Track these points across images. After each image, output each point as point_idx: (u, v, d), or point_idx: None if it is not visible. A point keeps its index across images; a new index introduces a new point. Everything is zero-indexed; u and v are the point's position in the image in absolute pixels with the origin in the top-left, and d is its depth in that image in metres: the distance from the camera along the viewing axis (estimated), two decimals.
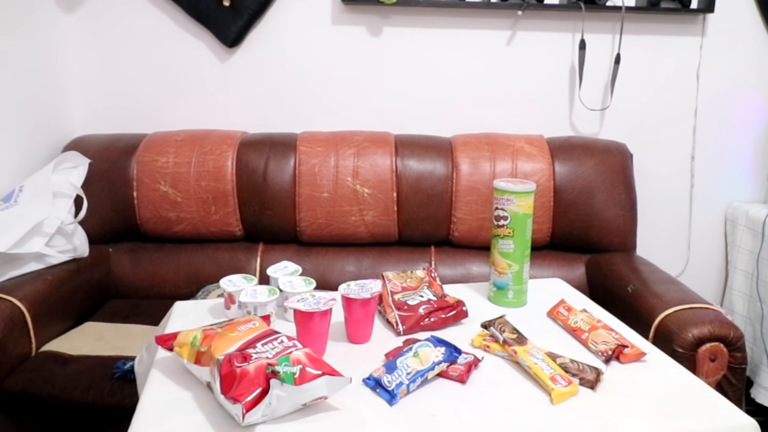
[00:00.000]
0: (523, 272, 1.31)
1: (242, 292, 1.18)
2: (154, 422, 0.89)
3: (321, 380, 0.86)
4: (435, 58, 2.20)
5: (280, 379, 0.84)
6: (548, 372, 0.99)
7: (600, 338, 1.12)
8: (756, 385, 2.09)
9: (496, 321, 1.12)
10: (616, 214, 2.00)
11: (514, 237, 1.29)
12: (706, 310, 1.56)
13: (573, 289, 1.44)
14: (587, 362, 1.04)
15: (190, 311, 1.27)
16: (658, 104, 2.25)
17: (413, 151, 2.01)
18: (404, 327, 1.16)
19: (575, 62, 2.18)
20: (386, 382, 0.95)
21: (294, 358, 0.88)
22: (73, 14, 2.12)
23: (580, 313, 1.21)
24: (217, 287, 1.79)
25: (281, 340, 0.94)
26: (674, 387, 1.02)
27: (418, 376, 0.96)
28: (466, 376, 1.00)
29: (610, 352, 1.08)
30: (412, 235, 2.02)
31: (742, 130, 2.28)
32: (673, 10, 2.13)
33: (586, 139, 2.14)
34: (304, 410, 0.90)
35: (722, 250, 2.36)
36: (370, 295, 1.11)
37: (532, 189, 1.29)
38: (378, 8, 2.14)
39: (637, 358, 1.10)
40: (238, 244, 2.03)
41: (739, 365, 1.49)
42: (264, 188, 1.96)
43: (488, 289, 1.36)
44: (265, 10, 2.12)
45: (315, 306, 1.05)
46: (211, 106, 2.20)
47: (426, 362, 0.98)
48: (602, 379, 1.01)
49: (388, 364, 0.98)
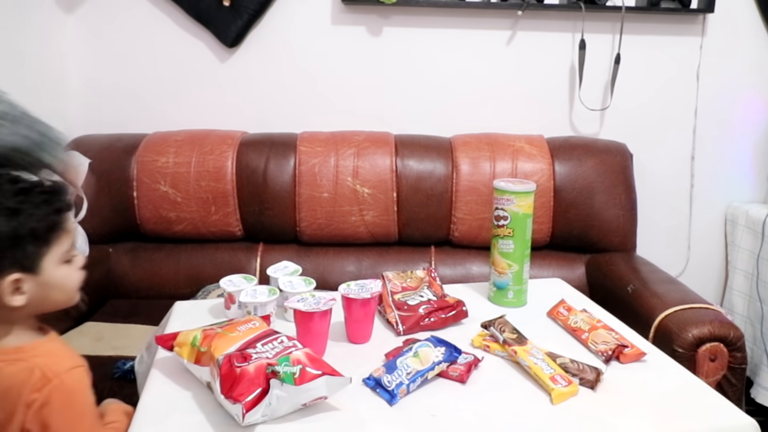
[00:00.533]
0: (523, 272, 1.31)
1: (242, 292, 1.18)
2: (154, 422, 0.89)
3: (321, 380, 0.86)
4: (435, 58, 2.19)
5: (280, 379, 0.84)
6: (548, 372, 0.99)
7: (600, 338, 1.12)
8: (756, 385, 2.09)
9: (496, 321, 1.12)
10: (616, 214, 2.00)
11: (514, 237, 1.28)
12: (706, 310, 1.56)
13: (573, 289, 1.44)
14: (587, 362, 1.04)
15: (189, 311, 1.27)
16: (658, 104, 2.25)
17: (413, 151, 2.01)
18: (404, 327, 1.16)
19: (575, 62, 2.18)
20: (386, 382, 0.95)
21: (294, 358, 0.88)
22: (73, 14, 2.12)
23: (580, 313, 1.21)
24: (217, 287, 1.79)
25: (281, 340, 0.95)
26: (674, 387, 1.02)
27: (418, 376, 0.96)
28: (466, 376, 1.00)
29: (610, 352, 1.08)
30: (412, 235, 2.02)
31: (742, 130, 2.28)
32: (673, 10, 2.13)
33: (586, 139, 2.15)
34: (303, 410, 0.90)
35: (722, 250, 2.36)
36: (370, 295, 1.11)
37: (532, 189, 1.29)
38: (378, 8, 2.13)
39: (637, 358, 1.10)
40: (238, 244, 2.03)
41: (739, 365, 1.49)
42: (264, 188, 1.96)
43: (488, 289, 1.35)
44: (265, 10, 2.12)
45: (315, 306, 1.05)
46: (211, 106, 2.20)
47: (426, 362, 0.98)
48: (602, 379, 1.01)
49: (388, 364, 0.98)
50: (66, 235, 0.95)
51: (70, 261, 0.96)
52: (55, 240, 0.93)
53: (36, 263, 0.91)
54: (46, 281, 0.92)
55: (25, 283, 0.90)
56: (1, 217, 0.88)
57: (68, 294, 0.97)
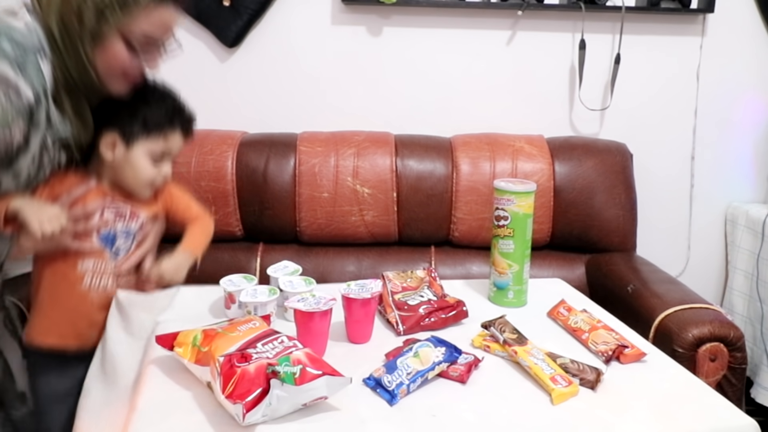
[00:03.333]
0: (524, 272, 1.31)
1: (242, 291, 1.18)
2: (154, 422, 0.89)
3: (321, 380, 0.86)
4: (435, 58, 2.19)
5: (280, 379, 0.84)
6: (548, 372, 0.99)
7: (600, 338, 1.12)
8: (756, 385, 2.09)
9: (496, 321, 1.12)
10: (616, 214, 2.00)
11: (515, 237, 1.28)
12: (706, 310, 1.56)
13: (573, 290, 1.44)
14: (587, 362, 1.04)
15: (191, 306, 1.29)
16: (658, 104, 2.25)
17: (413, 151, 2.01)
18: (404, 327, 1.17)
19: (575, 62, 2.18)
20: (386, 382, 0.95)
21: (294, 358, 0.88)
22: None
23: (580, 314, 1.21)
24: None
25: (281, 340, 0.95)
26: (674, 387, 1.02)
27: (419, 377, 0.96)
28: (466, 377, 1.00)
29: (610, 352, 1.08)
30: (412, 235, 2.02)
31: (742, 130, 2.28)
32: (673, 10, 2.13)
33: (586, 139, 2.15)
34: (304, 410, 0.90)
35: (722, 250, 2.36)
36: (371, 295, 1.11)
37: (533, 189, 1.28)
38: (378, 8, 2.13)
39: (637, 359, 1.10)
40: (238, 244, 2.03)
41: (739, 365, 1.49)
42: (264, 188, 1.96)
43: (488, 288, 1.35)
44: (265, 10, 2.12)
45: (315, 306, 1.05)
46: (211, 106, 2.19)
47: (426, 362, 0.98)
48: (602, 379, 1.01)
49: (389, 364, 0.98)
50: (163, 141, 1.21)
51: (155, 161, 1.21)
52: (153, 136, 1.19)
53: (132, 140, 1.18)
54: (129, 158, 1.19)
55: (117, 148, 1.18)
56: (145, 104, 1.19)
57: (138, 181, 1.22)
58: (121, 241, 1.24)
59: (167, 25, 1.14)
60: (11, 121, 0.95)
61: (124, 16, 1.05)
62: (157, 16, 1.09)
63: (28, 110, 0.98)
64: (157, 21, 1.10)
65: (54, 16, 1.04)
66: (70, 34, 1.04)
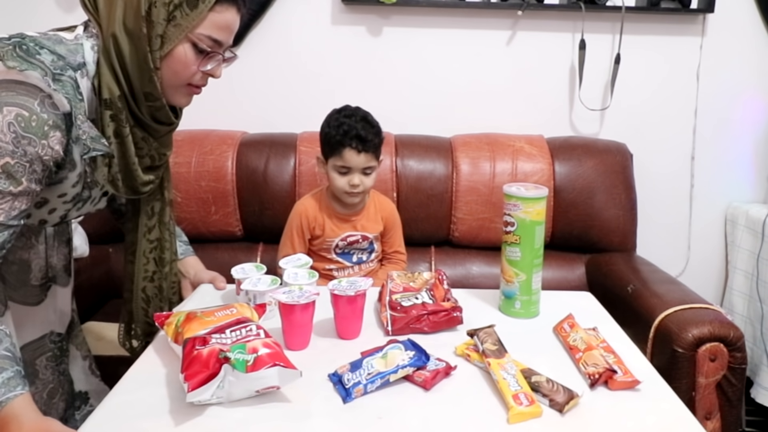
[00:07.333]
0: (532, 282, 1.24)
1: (246, 280, 1.20)
2: (129, 391, 0.96)
3: (273, 370, 0.90)
4: (435, 58, 2.20)
5: (231, 365, 0.89)
6: (514, 389, 0.93)
7: (592, 360, 1.04)
8: (756, 385, 2.09)
9: (481, 330, 1.07)
10: (616, 214, 2.00)
11: (521, 245, 1.22)
12: (706, 310, 1.56)
13: (598, 305, 1.34)
14: (566, 384, 0.96)
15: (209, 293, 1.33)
16: (658, 104, 2.25)
17: (413, 151, 2.01)
18: (393, 328, 1.16)
19: (575, 62, 2.18)
20: (346, 380, 0.96)
21: (251, 347, 0.92)
22: (73, 14, 2.12)
23: (582, 331, 1.13)
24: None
25: (250, 329, 0.99)
26: (660, 422, 0.91)
27: (378, 378, 0.96)
28: (430, 383, 0.98)
29: (597, 375, 0.99)
30: (412, 235, 2.01)
31: (742, 130, 2.28)
32: (673, 10, 2.14)
33: (586, 139, 2.15)
34: (258, 397, 0.93)
35: (722, 250, 2.36)
36: (355, 293, 1.11)
37: (542, 195, 1.21)
38: (378, 8, 2.14)
39: (628, 386, 1.00)
40: (238, 244, 2.03)
41: (739, 365, 1.49)
42: (264, 188, 1.96)
43: (498, 297, 1.30)
44: (265, 10, 2.12)
45: (298, 299, 1.08)
46: (211, 105, 2.19)
47: (390, 364, 0.98)
48: (578, 403, 0.93)
49: (355, 362, 0.99)
50: (339, 157, 1.57)
51: (340, 174, 1.59)
52: (335, 153, 1.58)
53: (326, 158, 1.62)
54: (328, 172, 1.61)
55: (322, 166, 1.65)
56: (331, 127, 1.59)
57: (337, 189, 1.61)
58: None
59: (231, 28, 1.09)
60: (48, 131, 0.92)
61: (194, 16, 1.01)
62: (222, 17, 1.04)
63: (65, 122, 0.94)
64: (223, 23, 1.05)
65: (117, 25, 0.99)
66: (135, 42, 0.99)
